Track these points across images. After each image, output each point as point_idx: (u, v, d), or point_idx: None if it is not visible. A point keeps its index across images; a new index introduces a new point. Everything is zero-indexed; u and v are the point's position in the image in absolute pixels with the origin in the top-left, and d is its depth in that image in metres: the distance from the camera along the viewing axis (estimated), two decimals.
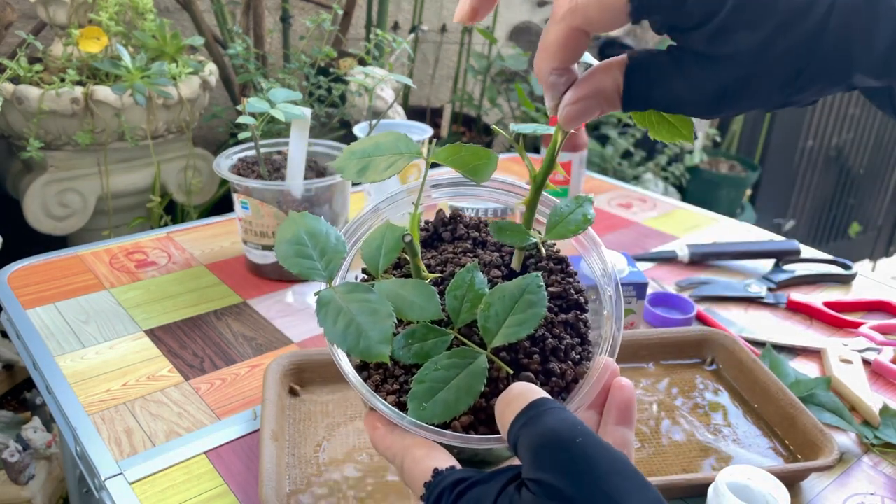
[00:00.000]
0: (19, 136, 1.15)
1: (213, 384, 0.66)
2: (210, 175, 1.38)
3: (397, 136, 0.39)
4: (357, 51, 1.57)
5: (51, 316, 0.75)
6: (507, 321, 0.37)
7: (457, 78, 2.11)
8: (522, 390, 0.35)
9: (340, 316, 0.35)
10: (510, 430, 0.34)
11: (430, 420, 0.36)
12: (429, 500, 0.36)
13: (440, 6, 2.18)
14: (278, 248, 0.38)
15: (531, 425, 0.33)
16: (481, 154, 0.37)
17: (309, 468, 0.55)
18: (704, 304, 0.84)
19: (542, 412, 0.34)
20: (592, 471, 0.31)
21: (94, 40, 1.11)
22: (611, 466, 0.31)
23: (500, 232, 0.40)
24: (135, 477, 0.54)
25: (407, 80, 0.85)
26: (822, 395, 0.65)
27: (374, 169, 0.38)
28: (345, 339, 0.35)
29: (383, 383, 0.39)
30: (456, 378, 0.37)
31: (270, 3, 1.70)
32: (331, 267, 0.38)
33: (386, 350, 0.34)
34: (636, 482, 0.31)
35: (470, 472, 0.36)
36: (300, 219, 0.39)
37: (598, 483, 0.31)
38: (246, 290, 0.82)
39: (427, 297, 0.37)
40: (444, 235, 0.45)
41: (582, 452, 0.32)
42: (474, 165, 0.38)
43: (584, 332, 0.42)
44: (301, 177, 0.79)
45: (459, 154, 0.38)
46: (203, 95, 1.28)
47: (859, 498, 0.56)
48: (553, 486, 0.31)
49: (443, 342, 0.38)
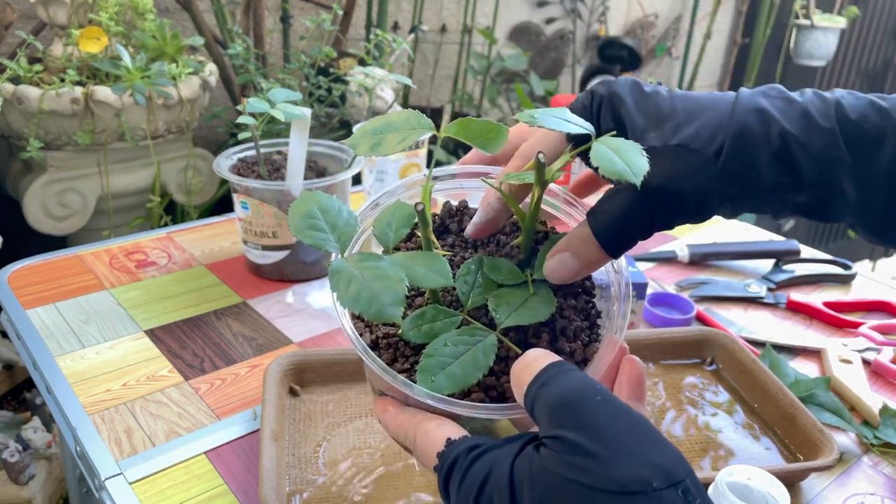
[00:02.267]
0: (19, 137, 1.15)
1: (213, 384, 0.66)
2: (210, 175, 1.38)
3: (409, 113, 0.39)
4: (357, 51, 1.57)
5: (51, 316, 0.75)
6: (517, 311, 0.39)
7: (457, 78, 2.11)
8: (539, 354, 0.36)
9: (353, 282, 0.35)
10: (527, 392, 0.34)
11: (440, 392, 0.36)
12: (442, 468, 0.36)
13: (440, 6, 2.18)
14: (291, 220, 0.38)
15: (549, 385, 0.34)
16: (491, 127, 0.38)
17: (309, 468, 0.55)
18: (704, 304, 0.84)
19: (560, 373, 0.34)
20: (613, 427, 0.31)
21: (94, 40, 1.11)
22: (631, 423, 0.31)
23: (494, 270, 0.41)
24: (135, 477, 0.54)
25: (407, 80, 0.85)
26: (822, 395, 0.65)
27: (386, 144, 0.38)
28: (357, 302, 0.34)
29: (393, 363, 0.39)
30: (466, 353, 0.37)
31: (270, 4, 1.70)
32: (342, 239, 0.38)
33: (398, 312, 0.34)
34: (657, 439, 0.31)
35: (483, 439, 0.36)
36: (313, 196, 0.39)
37: (620, 438, 0.30)
38: (246, 290, 0.82)
39: (438, 266, 0.37)
40: (450, 227, 0.46)
41: (602, 410, 0.32)
42: (485, 138, 0.38)
43: (593, 317, 0.42)
44: (301, 177, 0.79)
45: (470, 127, 0.38)
46: (203, 95, 1.28)
47: (859, 498, 0.56)
48: (574, 442, 0.31)
49: (452, 323, 0.39)
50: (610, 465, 0.29)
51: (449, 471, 0.35)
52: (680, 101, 0.38)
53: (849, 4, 2.82)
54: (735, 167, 0.36)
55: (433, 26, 2.17)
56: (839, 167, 0.36)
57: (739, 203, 0.38)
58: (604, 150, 0.34)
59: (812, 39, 2.24)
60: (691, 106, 0.38)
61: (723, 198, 0.37)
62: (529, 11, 2.40)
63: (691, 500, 0.29)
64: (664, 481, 0.29)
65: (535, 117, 0.36)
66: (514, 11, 2.36)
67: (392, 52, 1.31)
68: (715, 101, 0.38)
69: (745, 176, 0.37)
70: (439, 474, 0.36)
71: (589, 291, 0.43)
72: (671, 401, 0.66)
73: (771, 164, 0.36)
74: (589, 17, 2.51)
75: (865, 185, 0.37)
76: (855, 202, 0.37)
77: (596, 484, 0.29)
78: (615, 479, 0.29)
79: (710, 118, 0.37)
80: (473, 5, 2.02)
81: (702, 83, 2.83)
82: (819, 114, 0.37)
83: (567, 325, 0.40)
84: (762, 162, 0.36)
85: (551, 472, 0.31)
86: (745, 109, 0.37)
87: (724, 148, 0.36)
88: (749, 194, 0.37)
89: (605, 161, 0.34)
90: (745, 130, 0.36)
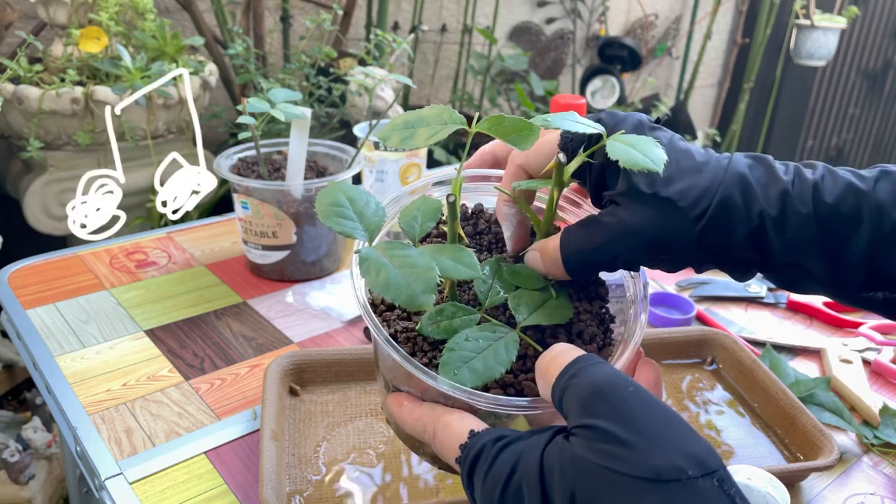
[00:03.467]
0: (19, 136, 1.15)
1: (213, 384, 0.66)
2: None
3: (441, 108, 0.40)
4: (357, 51, 1.57)
5: (51, 316, 0.75)
6: (537, 311, 0.40)
7: (457, 78, 2.11)
8: (565, 348, 0.36)
9: (383, 269, 0.36)
10: (555, 384, 0.34)
11: (463, 385, 0.37)
12: (466, 459, 0.35)
13: (440, 6, 2.18)
14: (319, 207, 0.39)
15: (580, 377, 0.34)
16: (523, 125, 0.38)
17: (309, 468, 0.55)
18: (704, 304, 0.84)
19: (591, 365, 0.34)
20: (647, 417, 0.31)
21: (95, 40, 1.11)
22: (665, 414, 0.31)
23: (515, 276, 0.42)
24: (135, 477, 0.54)
25: (407, 80, 0.85)
26: (822, 395, 0.65)
27: (417, 137, 0.39)
28: (388, 289, 0.35)
29: (412, 357, 0.39)
30: (487, 348, 0.38)
31: (270, 4, 1.70)
32: (370, 228, 0.38)
33: (430, 300, 0.35)
34: (690, 430, 0.31)
35: (509, 431, 0.36)
36: (341, 185, 0.40)
37: (654, 428, 0.30)
38: (246, 290, 0.82)
39: (466, 258, 0.38)
40: (465, 230, 0.47)
41: (635, 400, 0.32)
42: (517, 135, 0.38)
43: (607, 321, 0.43)
44: (301, 177, 0.79)
45: (502, 124, 0.39)
46: (203, 95, 1.28)
47: (859, 498, 0.56)
48: (607, 431, 0.31)
49: (471, 320, 0.39)
50: (644, 453, 0.29)
51: (474, 461, 0.35)
52: (676, 155, 0.39)
53: (849, 4, 2.82)
54: (712, 236, 0.38)
55: (433, 26, 2.17)
56: (810, 251, 0.38)
57: (706, 265, 0.40)
58: (619, 145, 0.35)
59: (812, 39, 2.24)
60: (686, 163, 0.39)
61: (692, 258, 0.39)
62: (529, 11, 2.40)
63: (727, 489, 0.29)
64: (699, 470, 0.29)
65: (548, 121, 0.37)
66: (514, 11, 2.36)
67: (392, 52, 1.31)
68: (708, 163, 0.39)
69: (720, 246, 0.38)
70: (462, 465, 0.36)
71: (603, 298, 0.44)
72: (671, 400, 0.66)
73: (746, 241, 0.38)
74: (589, 17, 2.51)
75: (837, 266, 0.38)
76: (823, 279, 0.39)
77: (630, 472, 0.29)
78: (650, 466, 0.29)
79: (700, 181, 0.38)
80: (473, 5, 2.02)
81: (702, 83, 2.83)
82: (797, 198, 0.38)
83: (584, 328, 0.41)
84: (738, 237, 0.38)
85: (584, 459, 0.30)
86: (732, 181, 0.38)
87: (706, 214, 0.37)
88: (719, 261, 0.39)
89: (624, 154, 0.35)
90: (728, 203, 0.38)
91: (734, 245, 0.38)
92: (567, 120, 0.37)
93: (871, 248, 0.37)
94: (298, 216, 0.79)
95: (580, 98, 1.02)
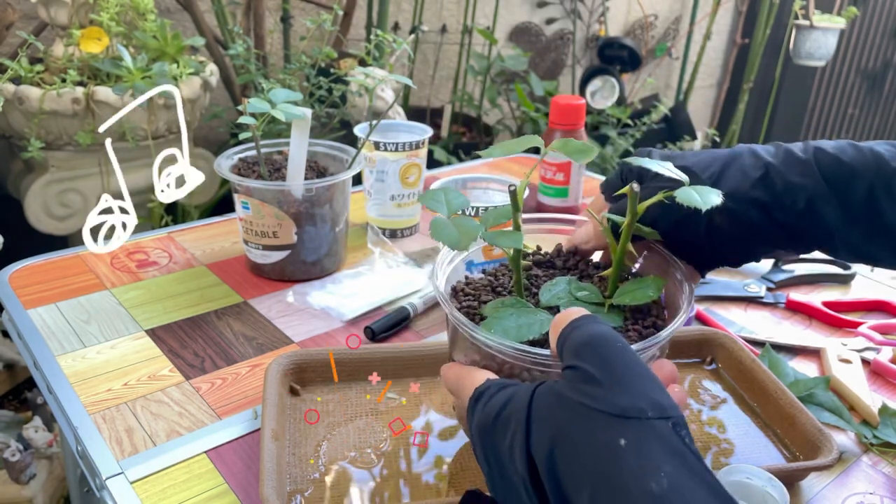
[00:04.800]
0: (20, 137, 1.16)
1: (214, 384, 0.66)
2: (211, 175, 1.38)
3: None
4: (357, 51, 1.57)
5: (52, 315, 0.75)
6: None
7: (457, 78, 2.11)
8: (579, 309, 0.41)
9: (447, 227, 0.48)
10: (560, 334, 0.39)
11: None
12: (475, 398, 0.42)
13: (440, 7, 2.18)
14: (423, 196, 0.51)
15: (580, 329, 0.39)
16: (584, 147, 0.47)
17: (309, 467, 0.55)
18: (704, 304, 0.84)
19: (593, 322, 0.39)
20: (626, 368, 0.35)
21: (95, 41, 1.11)
22: (643, 372, 0.36)
23: (579, 288, 0.50)
24: (136, 476, 0.54)
25: (407, 80, 0.85)
26: (822, 395, 0.65)
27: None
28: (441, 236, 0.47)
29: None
30: (522, 317, 0.46)
31: (271, 4, 1.70)
32: (451, 208, 0.50)
33: (466, 244, 0.46)
34: (661, 387, 0.35)
35: (515, 382, 0.42)
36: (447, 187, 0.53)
37: (629, 376, 0.35)
38: (246, 289, 0.82)
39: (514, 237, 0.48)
40: (556, 263, 0.55)
41: (621, 354, 0.36)
42: (580, 153, 0.47)
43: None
44: (301, 177, 0.80)
45: (568, 145, 0.48)
46: (204, 96, 1.28)
47: (858, 497, 0.56)
48: (588, 372, 0.35)
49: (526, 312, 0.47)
50: (615, 395, 0.34)
51: (478, 396, 0.42)
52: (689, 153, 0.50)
53: (848, 5, 2.82)
54: (723, 186, 0.46)
55: (433, 27, 2.17)
56: (815, 194, 0.45)
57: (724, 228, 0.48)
58: (689, 191, 0.43)
59: (811, 40, 2.24)
60: (698, 153, 0.49)
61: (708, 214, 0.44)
62: (529, 12, 2.40)
63: (679, 431, 0.33)
64: (657, 413, 0.33)
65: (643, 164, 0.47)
66: (514, 12, 2.36)
67: (392, 53, 1.31)
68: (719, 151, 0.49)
69: (731, 191, 0.46)
70: (469, 400, 0.43)
71: (660, 315, 0.50)
72: None
73: (754, 187, 0.46)
74: (589, 18, 2.51)
75: (846, 211, 0.45)
76: (837, 224, 0.45)
77: (599, 407, 0.34)
78: (616, 405, 0.34)
79: (709, 155, 0.48)
80: (473, 6, 2.02)
81: (701, 83, 2.83)
82: (799, 150, 0.47)
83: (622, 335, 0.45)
84: (746, 185, 0.46)
85: (563, 394, 0.36)
86: (738, 148, 0.48)
87: (716, 173, 0.47)
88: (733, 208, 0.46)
89: (687, 197, 0.43)
90: (735, 158, 0.47)
91: (744, 190, 0.46)
92: (659, 165, 0.46)
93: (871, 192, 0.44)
94: (299, 216, 0.79)
95: (580, 98, 1.02)
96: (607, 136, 2.10)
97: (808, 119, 3.21)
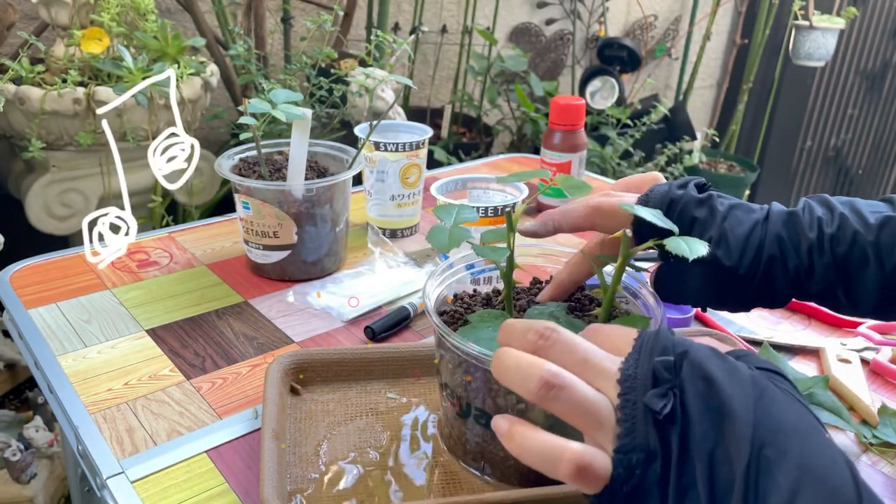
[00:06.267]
0: (21, 137, 1.16)
1: (215, 383, 0.66)
2: (211, 175, 1.39)
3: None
4: (358, 52, 1.57)
5: (52, 315, 0.75)
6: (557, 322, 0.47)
7: (457, 79, 2.12)
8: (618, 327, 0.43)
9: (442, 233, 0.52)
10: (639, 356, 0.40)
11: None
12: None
13: (440, 7, 2.18)
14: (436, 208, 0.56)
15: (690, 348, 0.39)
16: (580, 184, 0.55)
17: (310, 467, 0.55)
18: None
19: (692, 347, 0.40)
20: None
21: (96, 41, 1.12)
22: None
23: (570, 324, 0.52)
24: (136, 476, 0.55)
25: (407, 80, 0.86)
26: (821, 395, 0.65)
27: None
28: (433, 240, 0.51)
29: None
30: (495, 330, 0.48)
31: (271, 5, 1.70)
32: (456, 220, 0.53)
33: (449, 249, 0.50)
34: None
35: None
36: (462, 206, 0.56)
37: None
38: (247, 289, 0.82)
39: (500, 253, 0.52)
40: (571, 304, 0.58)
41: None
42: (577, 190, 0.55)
43: None
44: (302, 177, 0.80)
45: (568, 182, 0.55)
46: (204, 96, 1.29)
47: None
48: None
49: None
50: None
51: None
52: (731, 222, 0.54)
53: (848, 5, 2.82)
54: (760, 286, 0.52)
55: (433, 27, 2.18)
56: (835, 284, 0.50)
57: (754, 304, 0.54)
58: (679, 241, 0.47)
59: (811, 40, 2.24)
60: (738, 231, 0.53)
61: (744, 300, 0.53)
62: (529, 12, 2.40)
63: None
64: None
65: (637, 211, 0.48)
66: (514, 12, 2.37)
67: (392, 53, 1.31)
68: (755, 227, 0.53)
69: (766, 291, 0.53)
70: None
71: None
72: None
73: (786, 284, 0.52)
74: (588, 18, 2.52)
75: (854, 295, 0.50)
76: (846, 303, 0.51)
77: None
78: None
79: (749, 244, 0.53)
80: (473, 6, 2.02)
81: (701, 84, 2.83)
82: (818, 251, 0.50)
83: None
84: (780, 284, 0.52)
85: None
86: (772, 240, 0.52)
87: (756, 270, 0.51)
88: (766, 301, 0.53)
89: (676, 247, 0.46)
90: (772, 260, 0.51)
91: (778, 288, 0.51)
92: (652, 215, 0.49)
93: (878, 282, 0.49)
94: (299, 216, 0.80)
95: (579, 99, 1.02)
96: (607, 137, 2.10)
97: (808, 119, 3.21)
